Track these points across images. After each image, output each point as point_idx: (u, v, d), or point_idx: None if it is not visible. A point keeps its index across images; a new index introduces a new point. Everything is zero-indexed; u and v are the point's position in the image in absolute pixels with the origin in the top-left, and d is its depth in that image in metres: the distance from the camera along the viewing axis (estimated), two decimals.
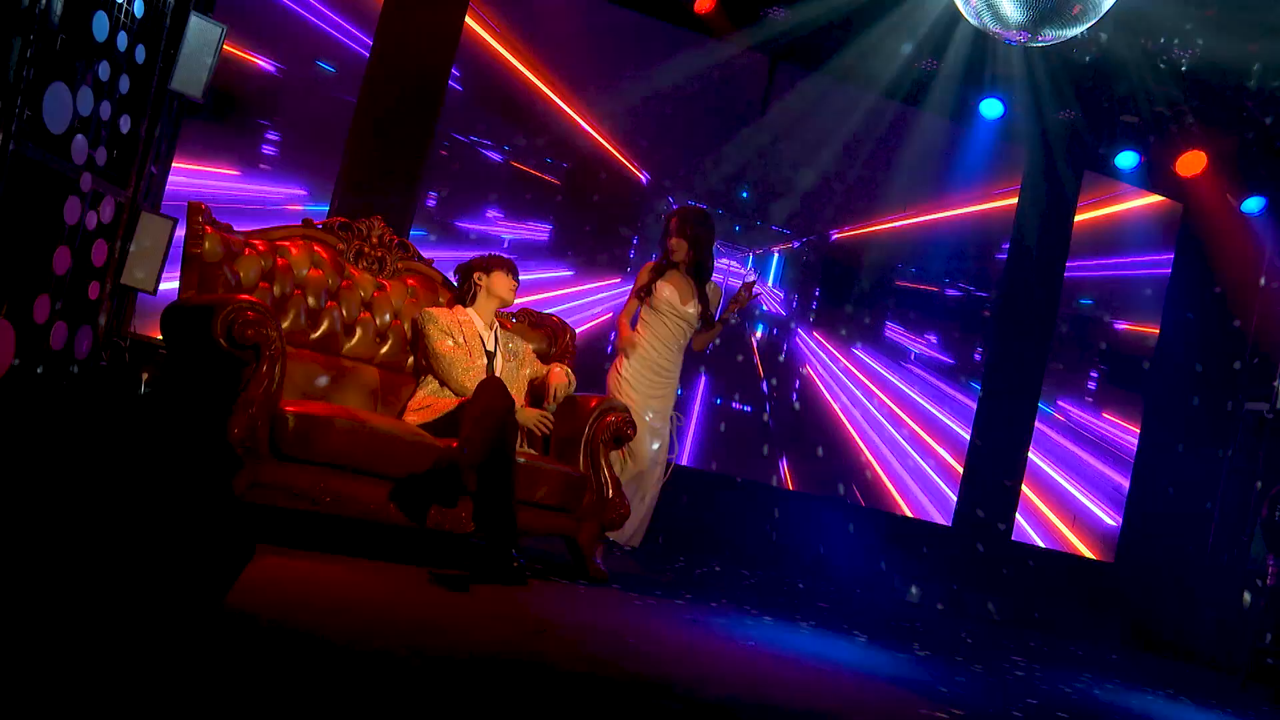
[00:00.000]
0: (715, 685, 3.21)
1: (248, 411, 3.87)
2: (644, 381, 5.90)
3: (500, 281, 5.00)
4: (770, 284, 9.12)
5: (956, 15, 6.38)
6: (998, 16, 5.40)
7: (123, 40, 5.25)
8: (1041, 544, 8.73)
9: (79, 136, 4.99)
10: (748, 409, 8.98)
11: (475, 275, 5.01)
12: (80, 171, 5.03)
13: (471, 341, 4.89)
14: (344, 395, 4.75)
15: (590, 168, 7.99)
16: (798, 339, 9.08)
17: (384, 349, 4.98)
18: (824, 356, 9.13)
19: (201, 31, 5.83)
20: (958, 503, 8.33)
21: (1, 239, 4.60)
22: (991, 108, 7.87)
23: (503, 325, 5.19)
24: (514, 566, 4.15)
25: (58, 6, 4.85)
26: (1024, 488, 8.52)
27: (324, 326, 4.80)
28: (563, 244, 7.96)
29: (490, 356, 4.91)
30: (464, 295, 5.03)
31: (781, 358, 8.95)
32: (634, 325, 6.03)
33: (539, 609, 3.84)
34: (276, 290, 4.65)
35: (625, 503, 4.93)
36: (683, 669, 3.39)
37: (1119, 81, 7.42)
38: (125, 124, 5.37)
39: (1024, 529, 8.67)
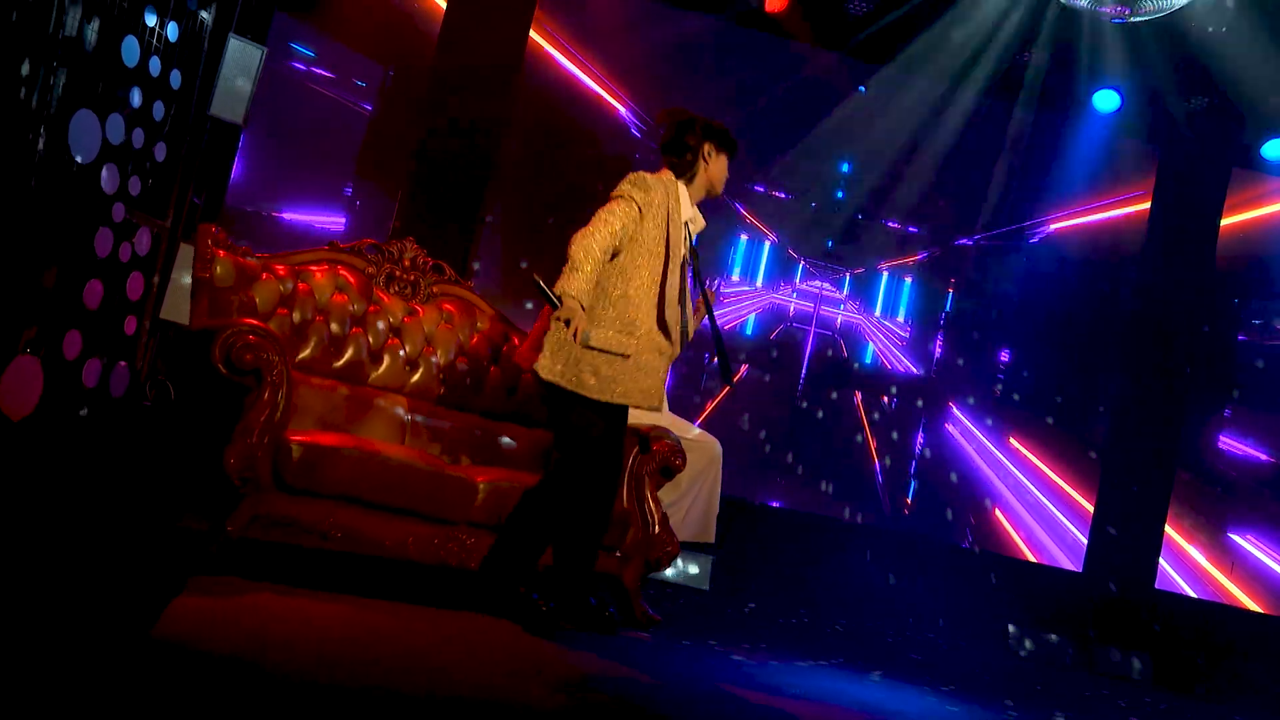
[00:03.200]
0: None
1: (246, 440, 3.94)
2: None
3: (722, 169, 4.30)
4: (877, 314, 8.53)
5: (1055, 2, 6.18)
6: None
7: (155, 65, 5.46)
8: (1192, 593, 8.25)
9: (109, 165, 5.19)
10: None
11: (705, 147, 4.23)
12: (111, 202, 5.25)
13: (675, 236, 4.17)
14: (369, 426, 4.81)
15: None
16: (952, 425, 8.06)
17: (414, 377, 5.03)
18: (1035, 489, 7.47)
19: (241, 54, 6.03)
20: (1089, 547, 7.93)
21: (27, 273, 4.84)
22: (1106, 100, 7.53)
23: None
24: (535, 611, 4.11)
25: (90, 34, 5.11)
26: (1169, 529, 8.06)
27: (348, 354, 4.88)
28: None
29: (684, 266, 4.27)
30: (682, 164, 4.26)
31: (921, 450, 7.98)
32: None
33: (555, 653, 3.79)
34: (296, 316, 4.76)
35: (674, 539, 4.85)
36: (693, 716, 3.29)
37: (1261, 57, 6.97)
38: (161, 152, 5.59)
39: (1170, 576, 8.21)
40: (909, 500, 7.47)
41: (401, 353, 5.00)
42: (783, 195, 8.25)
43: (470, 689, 3.04)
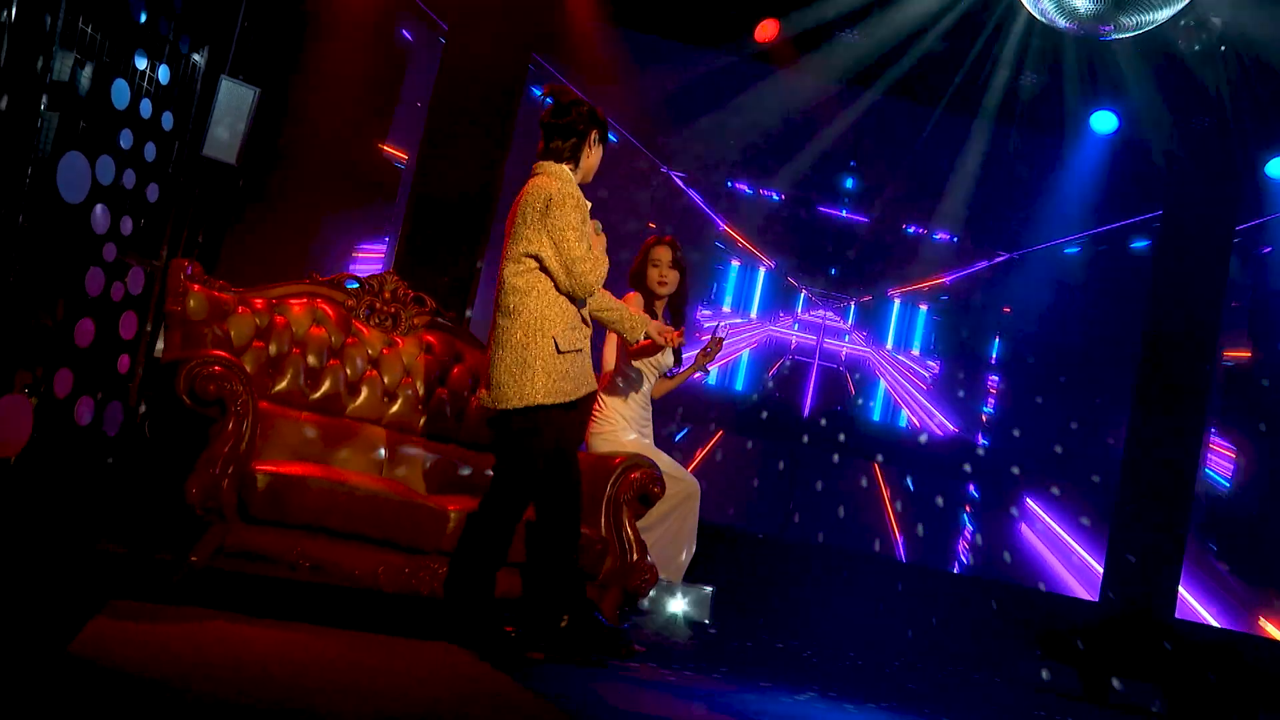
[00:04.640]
0: None
1: (210, 471, 3.97)
2: (633, 415, 5.53)
3: (598, 160, 4.35)
4: (889, 347, 8.26)
5: (1051, 24, 6.14)
6: (1064, 9, 5.18)
7: (146, 107, 5.57)
8: (1216, 623, 8.06)
9: (99, 206, 5.26)
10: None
11: (592, 134, 4.27)
12: (102, 242, 5.34)
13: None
14: (347, 458, 4.83)
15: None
16: (1031, 527, 7.43)
17: (393, 409, 5.05)
18: None
19: (234, 95, 6.12)
20: (1104, 574, 7.77)
21: (17, 313, 4.93)
22: (1104, 121, 7.45)
23: None
24: (499, 637, 4.09)
25: (84, 78, 5.23)
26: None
27: (325, 386, 4.91)
28: None
29: None
30: (566, 147, 4.28)
31: (971, 555, 7.48)
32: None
33: (515, 680, 3.76)
34: (272, 349, 4.80)
35: (652, 568, 4.82)
36: None
37: (1261, 70, 6.85)
38: (153, 193, 5.69)
39: (1191, 606, 8.03)
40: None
41: (380, 384, 5.03)
42: (776, 196, 8.09)
43: (415, 715, 3.02)
